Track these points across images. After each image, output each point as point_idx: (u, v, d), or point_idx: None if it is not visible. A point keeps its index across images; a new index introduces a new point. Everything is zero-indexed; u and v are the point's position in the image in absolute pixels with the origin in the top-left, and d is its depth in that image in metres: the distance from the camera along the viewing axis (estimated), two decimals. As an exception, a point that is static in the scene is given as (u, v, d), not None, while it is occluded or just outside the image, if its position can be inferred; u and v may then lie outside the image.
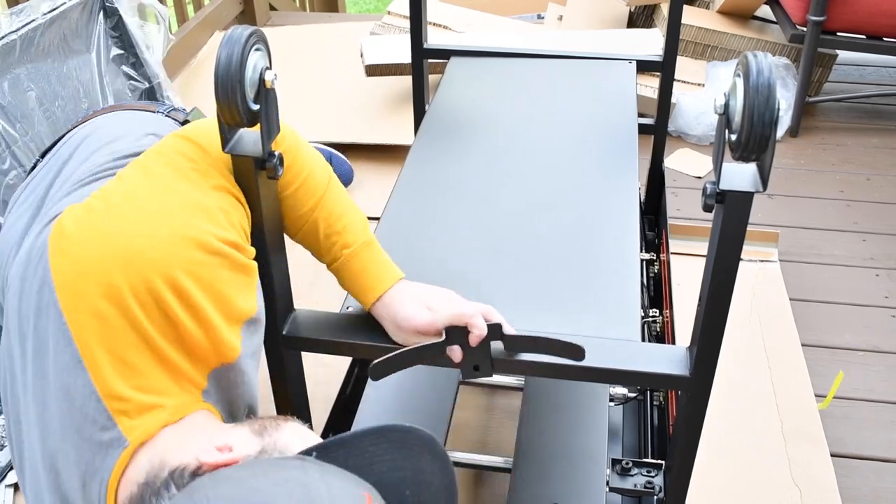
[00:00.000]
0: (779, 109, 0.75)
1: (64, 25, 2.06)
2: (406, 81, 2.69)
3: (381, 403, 1.42)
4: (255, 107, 0.83)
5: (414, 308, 0.98)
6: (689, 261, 2.12)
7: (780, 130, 2.77)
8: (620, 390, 1.48)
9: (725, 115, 0.81)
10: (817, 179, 2.61)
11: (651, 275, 1.80)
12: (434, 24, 2.96)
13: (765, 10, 3.06)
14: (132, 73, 2.30)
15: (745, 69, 0.76)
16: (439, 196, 1.36)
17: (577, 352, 0.93)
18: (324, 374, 1.74)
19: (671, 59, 1.80)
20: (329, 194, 1.02)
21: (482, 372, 0.99)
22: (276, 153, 0.89)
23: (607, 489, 1.23)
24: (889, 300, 2.09)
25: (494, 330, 0.96)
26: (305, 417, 1.12)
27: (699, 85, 2.80)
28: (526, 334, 0.96)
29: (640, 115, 1.66)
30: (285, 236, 1.04)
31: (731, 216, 0.84)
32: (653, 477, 1.20)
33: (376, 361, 0.97)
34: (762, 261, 2.16)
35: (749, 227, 0.91)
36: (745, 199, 0.83)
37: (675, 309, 1.53)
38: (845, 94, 3.04)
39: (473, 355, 0.97)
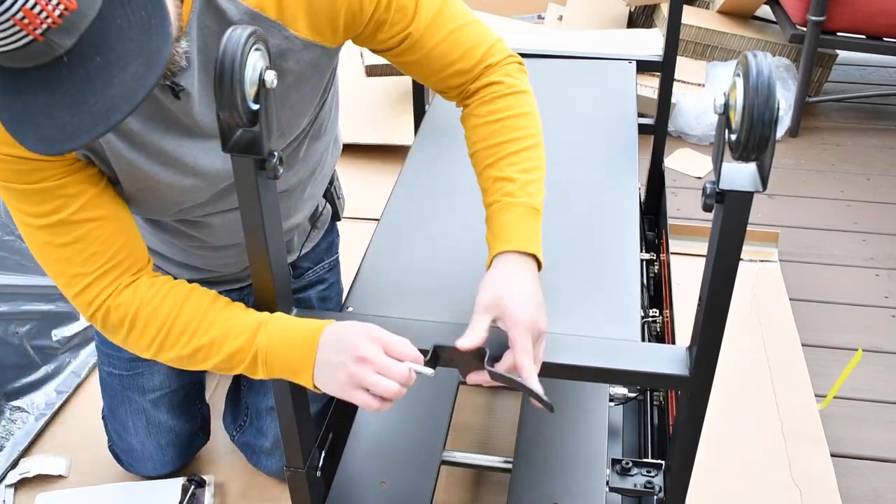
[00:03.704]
0: (779, 109, 0.75)
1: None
2: (406, 81, 2.69)
3: (381, 403, 1.42)
4: (255, 107, 0.84)
5: (485, 292, 0.98)
6: (689, 261, 2.12)
7: (780, 130, 2.77)
8: (620, 390, 1.48)
9: (725, 115, 0.81)
10: (817, 179, 2.62)
11: (651, 275, 1.80)
12: (434, 24, 2.95)
13: (765, 10, 3.06)
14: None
15: (745, 69, 0.76)
16: (439, 196, 1.36)
17: (546, 407, 0.94)
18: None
19: (671, 59, 1.80)
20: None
21: None
22: (276, 153, 0.89)
23: (607, 489, 1.23)
24: (889, 300, 2.10)
25: (480, 357, 0.96)
26: (305, 418, 1.12)
27: (699, 85, 2.80)
28: (508, 375, 0.95)
29: (640, 115, 1.65)
30: None
31: (731, 216, 0.84)
32: (653, 477, 1.20)
33: None
34: (762, 261, 2.16)
35: (749, 227, 0.91)
36: (744, 198, 0.83)
37: (675, 309, 1.53)
38: (845, 94, 3.04)
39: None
